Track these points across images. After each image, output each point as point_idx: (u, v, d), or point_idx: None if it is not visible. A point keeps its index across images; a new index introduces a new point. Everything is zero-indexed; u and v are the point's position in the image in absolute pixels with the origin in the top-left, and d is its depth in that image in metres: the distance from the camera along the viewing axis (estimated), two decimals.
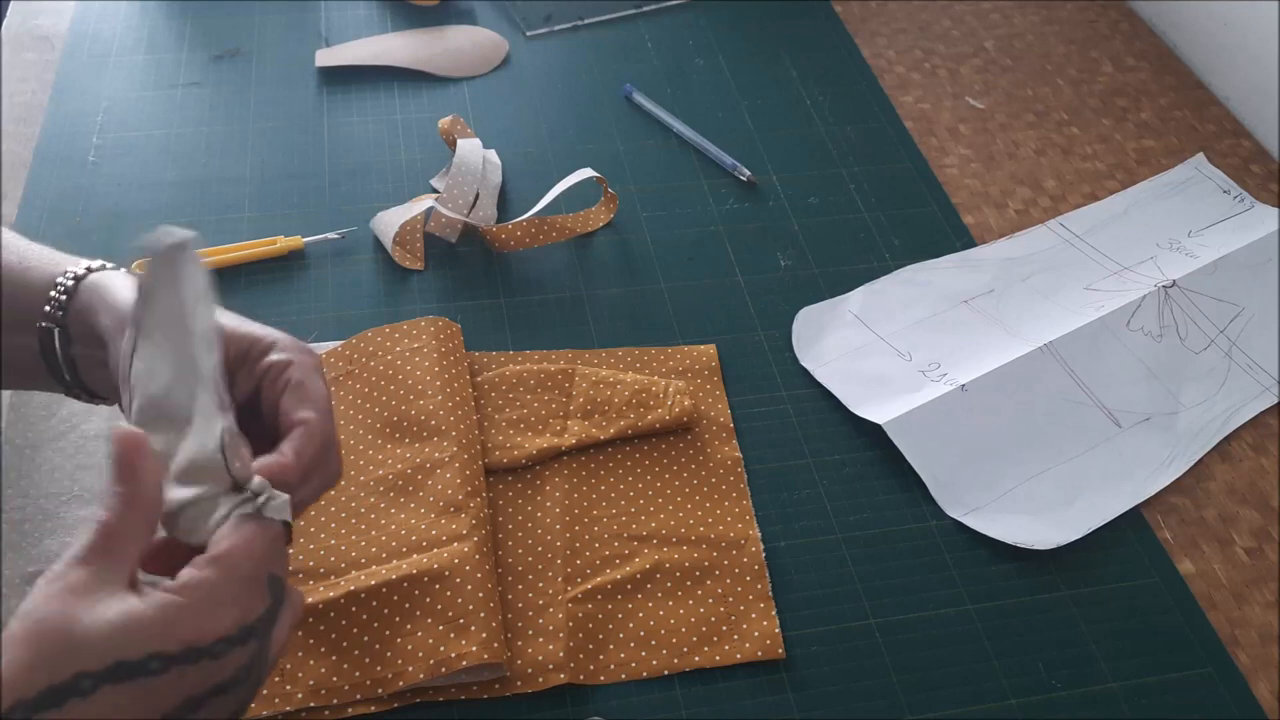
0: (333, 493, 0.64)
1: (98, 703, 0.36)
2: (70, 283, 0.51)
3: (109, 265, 0.53)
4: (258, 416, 0.49)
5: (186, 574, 0.40)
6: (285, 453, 0.46)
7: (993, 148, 0.94)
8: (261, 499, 0.42)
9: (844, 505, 0.68)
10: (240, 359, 0.49)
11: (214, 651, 0.39)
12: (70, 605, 0.38)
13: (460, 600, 0.58)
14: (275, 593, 0.42)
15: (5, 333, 0.52)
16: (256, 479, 0.43)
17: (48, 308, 0.50)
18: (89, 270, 0.52)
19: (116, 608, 0.38)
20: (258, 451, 0.46)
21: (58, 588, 0.38)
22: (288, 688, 0.56)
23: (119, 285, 0.51)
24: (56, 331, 0.50)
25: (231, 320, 0.50)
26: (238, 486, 0.42)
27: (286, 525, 0.43)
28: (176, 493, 0.42)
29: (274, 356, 0.49)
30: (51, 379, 0.52)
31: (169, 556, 0.42)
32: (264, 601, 0.41)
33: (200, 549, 0.41)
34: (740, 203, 0.87)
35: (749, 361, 0.75)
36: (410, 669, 0.56)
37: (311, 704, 0.56)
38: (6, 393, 0.67)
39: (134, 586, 0.39)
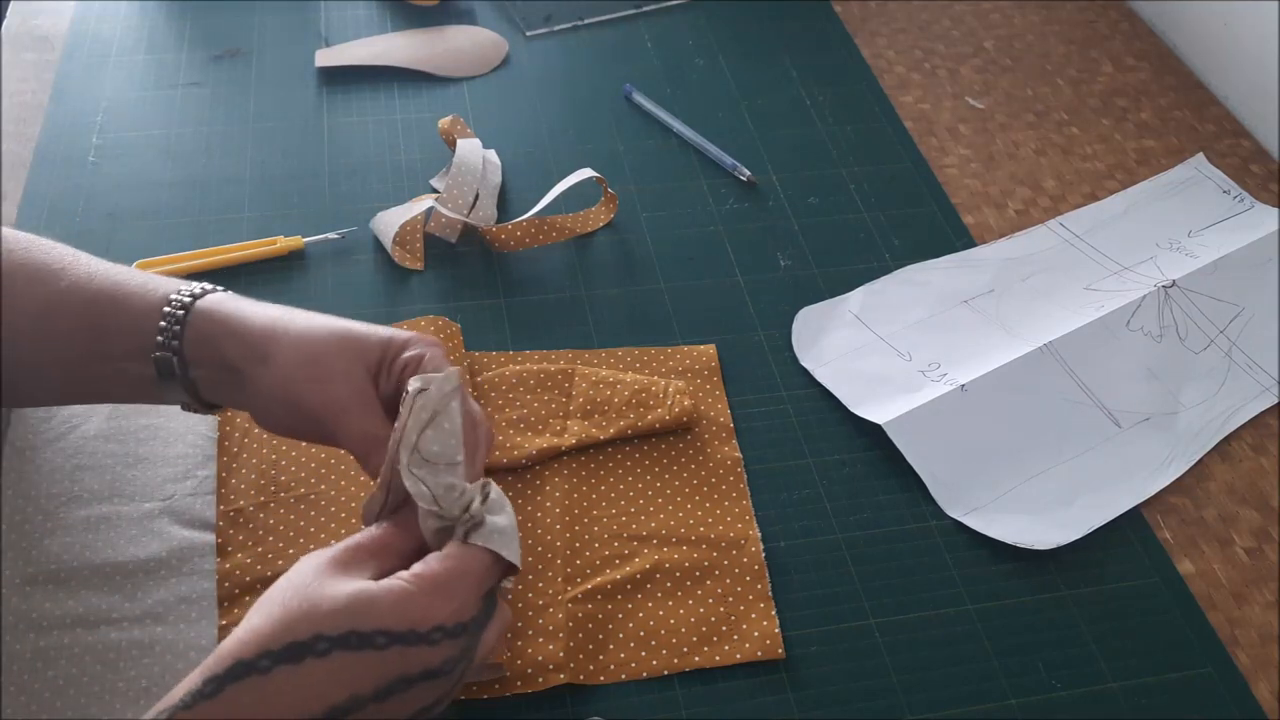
0: (333, 493, 0.64)
1: (329, 664, 0.42)
2: (181, 311, 0.53)
3: (209, 288, 0.54)
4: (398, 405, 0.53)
5: (420, 566, 0.46)
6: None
7: (993, 148, 0.94)
8: (472, 523, 0.48)
9: (844, 505, 0.68)
10: (378, 363, 0.52)
11: (431, 638, 0.44)
12: (323, 577, 0.45)
13: None
14: (489, 603, 0.48)
15: (111, 360, 0.54)
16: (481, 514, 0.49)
17: (160, 337, 0.53)
18: (195, 295, 0.53)
19: (355, 585, 0.44)
20: None
21: (320, 560, 0.46)
22: None
23: (239, 310, 0.53)
24: (175, 359, 0.53)
25: (365, 329, 0.53)
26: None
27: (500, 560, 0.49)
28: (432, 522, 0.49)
29: (407, 354, 0.53)
30: (168, 398, 0.55)
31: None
32: (478, 606, 0.47)
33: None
34: (740, 203, 0.87)
35: (749, 361, 0.75)
36: None
37: None
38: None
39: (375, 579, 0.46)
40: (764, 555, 0.64)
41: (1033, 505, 0.68)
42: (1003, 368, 0.73)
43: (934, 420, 0.70)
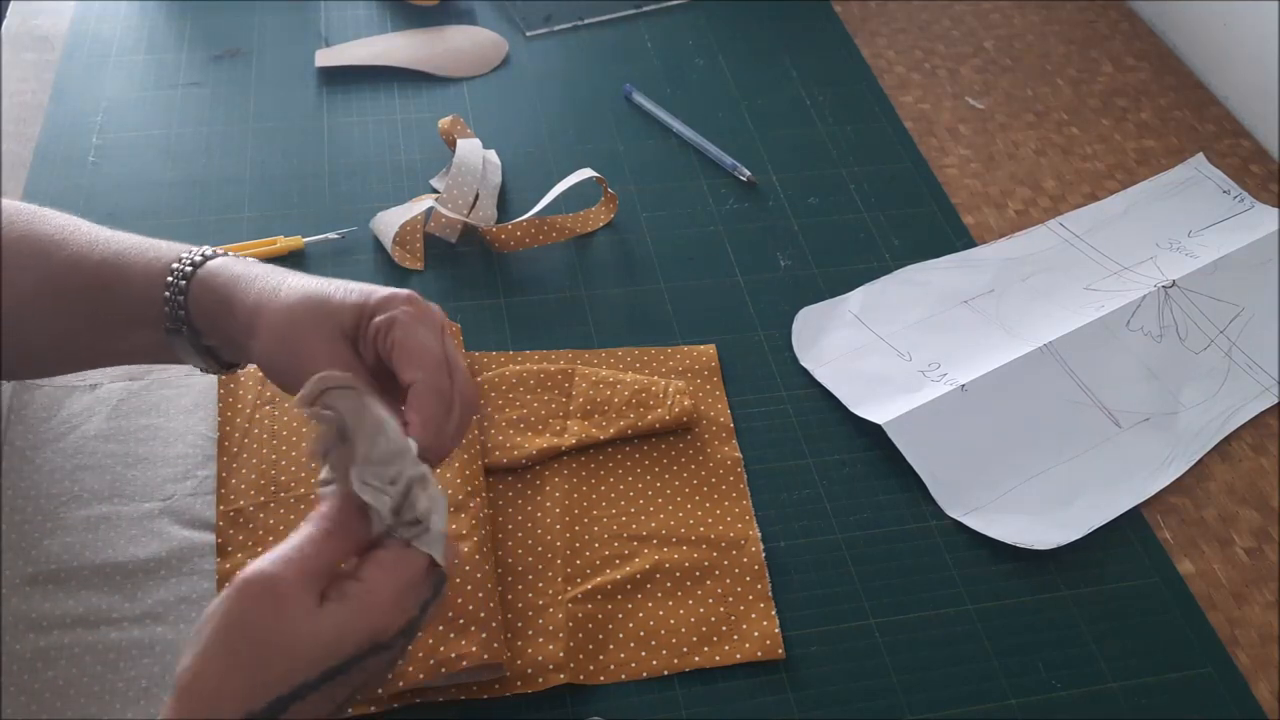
0: None
1: (310, 702, 0.42)
2: (183, 282, 0.52)
3: (208, 254, 0.54)
4: (390, 375, 0.51)
5: (373, 572, 0.44)
6: (412, 421, 0.49)
7: (993, 148, 0.94)
8: (419, 530, 0.47)
9: (844, 505, 0.68)
10: (354, 328, 0.50)
11: (394, 645, 0.44)
12: (290, 621, 0.42)
13: (460, 600, 0.58)
14: (436, 579, 0.47)
15: (117, 331, 0.54)
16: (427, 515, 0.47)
17: (168, 308, 0.52)
18: (194, 265, 0.53)
19: (323, 621, 0.43)
20: (392, 405, 0.50)
21: (274, 591, 0.42)
22: None
23: (232, 285, 0.52)
24: (186, 329, 0.53)
25: (340, 295, 0.51)
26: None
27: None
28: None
29: (379, 319, 0.50)
30: (184, 361, 0.55)
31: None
32: (427, 591, 0.46)
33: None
34: (740, 203, 0.87)
35: (749, 361, 0.75)
36: (410, 669, 0.56)
37: None
38: (6, 394, 0.67)
39: (324, 595, 0.44)
40: (764, 555, 0.64)
41: (1033, 505, 0.68)
42: (1003, 368, 0.73)
43: (934, 420, 0.70)
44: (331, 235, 0.80)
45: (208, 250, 0.54)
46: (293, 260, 0.78)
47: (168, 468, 0.65)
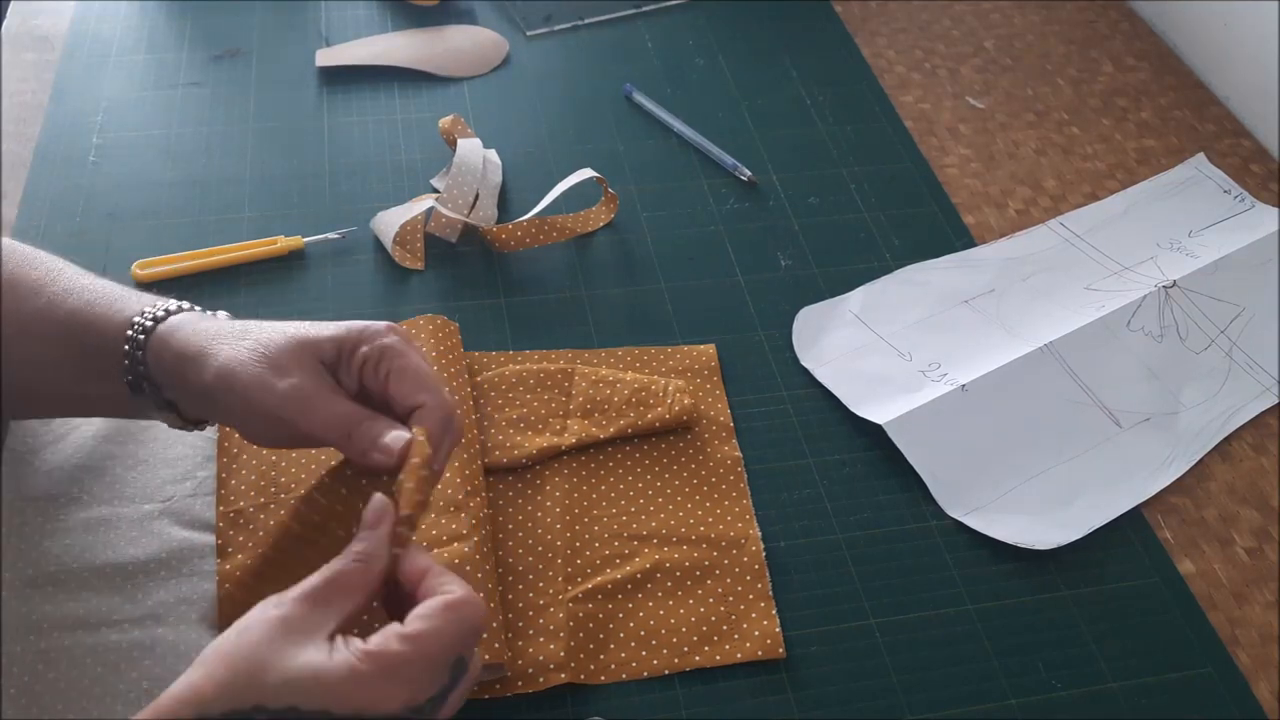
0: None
1: None
2: (141, 337, 0.52)
3: (171, 309, 0.54)
4: (371, 404, 0.53)
5: (377, 643, 0.42)
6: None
7: (993, 148, 0.94)
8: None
9: (844, 505, 0.68)
10: (335, 359, 0.52)
11: None
12: (274, 640, 0.41)
13: None
14: (456, 672, 0.45)
15: (86, 380, 0.54)
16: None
17: (127, 361, 0.52)
18: (155, 320, 0.53)
19: (306, 657, 0.41)
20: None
21: (274, 615, 0.42)
22: None
23: (193, 335, 0.52)
24: (146, 385, 0.53)
25: (317, 328, 0.52)
26: None
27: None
28: None
29: (364, 350, 0.52)
30: (150, 416, 0.55)
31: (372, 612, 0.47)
32: (440, 683, 0.44)
33: (399, 611, 0.45)
34: (740, 203, 0.87)
35: (749, 361, 0.75)
36: None
37: None
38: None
39: (333, 638, 0.42)
40: (764, 555, 0.64)
41: (1033, 505, 0.68)
42: (1003, 368, 0.73)
43: (934, 420, 0.70)
44: (332, 235, 0.80)
45: (172, 305, 0.54)
46: (293, 260, 0.78)
47: (167, 469, 0.65)
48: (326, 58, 0.95)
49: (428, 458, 0.50)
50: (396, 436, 0.50)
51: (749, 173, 0.88)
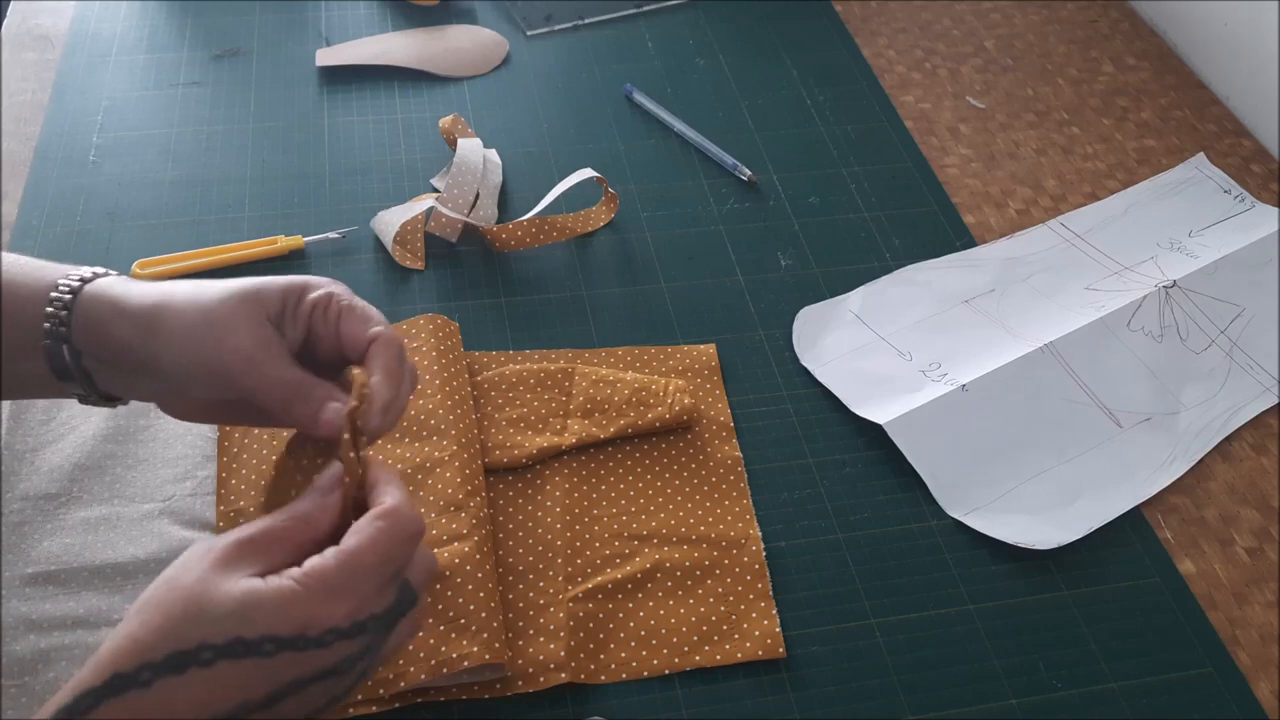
0: None
1: (215, 674, 0.39)
2: (68, 295, 0.50)
3: (100, 271, 0.51)
4: (313, 357, 0.51)
5: (311, 563, 0.42)
6: (374, 371, 0.49)
7: (993, 147, 0.94)
8: None
9: (844, 505, 0.68)
10: (280, 311, 0.50)
11: (323, 640, 0.41)
12: (205, 579, 0.41)
13: (461, 600, 0.58)
14: (402, 595, 0.44)
15: (11, 362, 0.51)
16: None
17: (48, 324, 0.49)
18: (83, 280, 0.50)
19: (241, 586, 0.41)
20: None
21: (206, 558, 0.42)
22: None
23: (125, 289, 0.50)
24: (65, 348, 0.50)
25: (261, 280, 0.51)
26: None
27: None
28: None
29: (313, 295, 0.51)
30: (64, 391, 0.52)
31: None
32: (384, 600, 0.43)
33: (337, 537, 0.44)
34: (740, 202, 0.87)
35: (749, 361, 0.75)
36: (411, 670, 0.56)
37: None
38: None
39: (263, 575, 0.42)
40: (764, 555, 0.64)
41: (1033, 505, 0.68)
42: (1003, 368, 0.73)
43: (934, 420, 0.70)
44: (332, 235, 0.80)
45: (100, 269, 0.52)
46: (293, 260, 0.78)
47: (167, 468, 0.65)
48: (326, 57, 0.95)
49: (364, 389, 0.49)
50: (336, 409, 0.49)
51: (749, 172, 0.88)
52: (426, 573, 0.47)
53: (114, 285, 0.51)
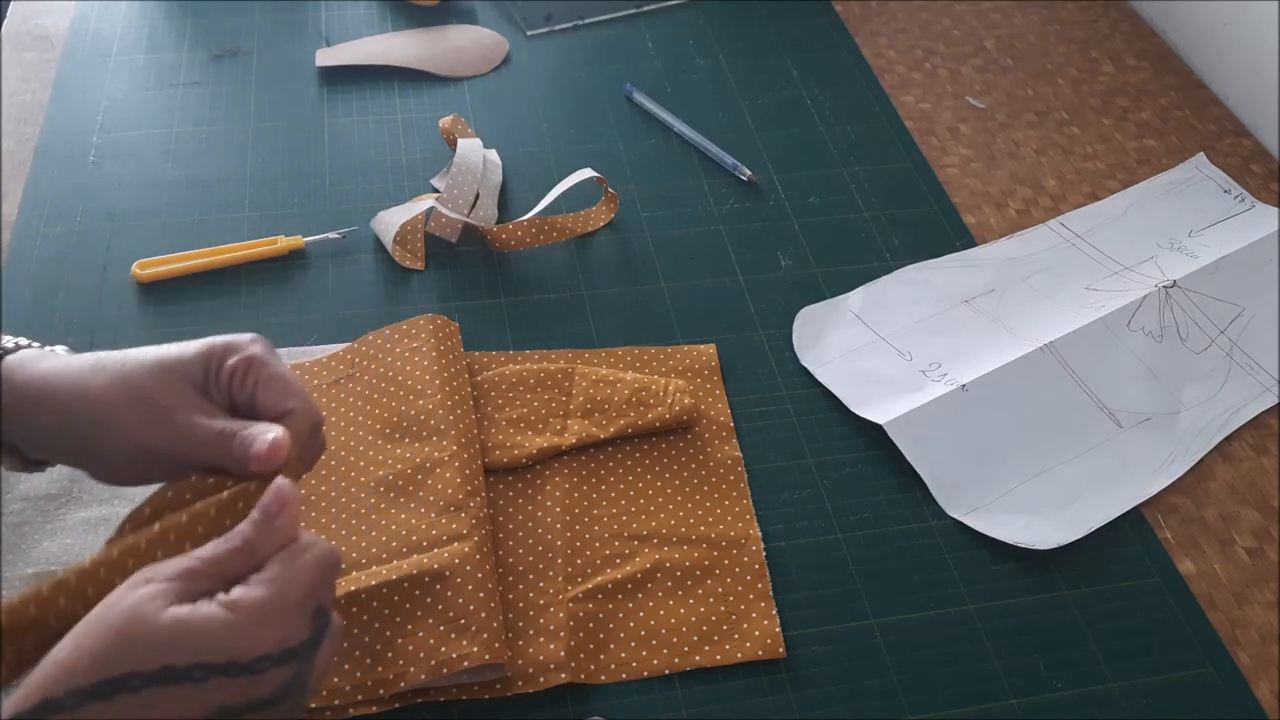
0: (333, 494, 0.64)
1: (144, 701, 0.39)
2: None
3: (7, 346, 0.51)
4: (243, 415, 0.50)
5: (239, 591, 0.42)
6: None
7: (993, 147, 0.94)
8: None
9: (844, 505, 0.68)
10: (204, 379, 0.50)
11: (254, 668, 0.41)
12: (137, 607, 0.40)
13: (461, 600, 0.58)
14: (320, 622, 0.44)
15: None
16: None
17: None
18: (4, 352, 0.50)
19: (171, 614, 0.40)
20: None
21: (141, 589, 0.41)
22: None
23: (41, 374, 0.49)
24: None
25: (179, 350, 0.50)
26: None
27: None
28: None
29: (231, 361, 0.50)
30: None
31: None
32: (307, 629, 0.43)
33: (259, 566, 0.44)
34: (740, 202, 0.87)
35: (749, 361, 0.75)
36: (411, 670, 0.56)
37: (313, 704, 0.56)
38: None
39: (194, 600, 0.42)
40: (764, 555, 0.64)
41: (1033, 505, 0.68)
42: (1003, 368, 0.73)
43: (934, 420, 0.70)
44: (332, 235, 0.80)
45: (8, 342, 0.51)
46: (293, 260, 0.78)
47: None
48: (326, 58, 0.95)
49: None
50: (274, 440, 0.48)
51: (749, 173, 0.88)
52: (332, 598, 0.46)
53: (28, 365, 0.50)
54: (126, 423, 0.48)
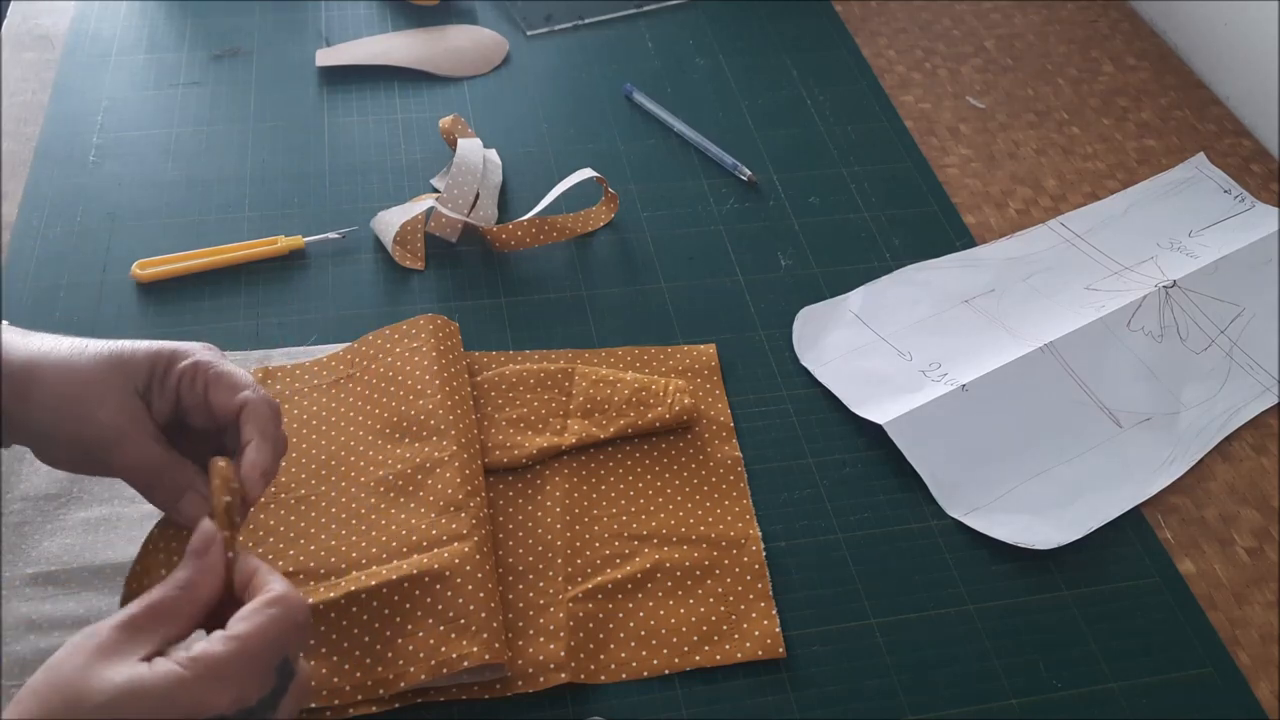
0: (333, 494, 0.64)
1: None
2: None
3: None
4: (183, 429, 0.51)
5: (200, 647, 0.41)
6: (250, 438, 0.49)
7: (993, 147, 0.94)
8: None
9: (844, 505, 0.68)
10: (147, 381, 0.50)
11: None
12: (88, 666, 0.40)
13: (461, 600, 0.58)
14: (282, 677, 0.43)
15: None
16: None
17: None
18: None
19: (125, 673, 0.40)
20: (196, 453, 0.50)
21: (89, 645, 0.40)
22: None
23: (9, 342, 0.50)
24: None
25: (130, 348, 0.50)
26: None
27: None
28: None
29: (181, 365, 0.50)
30: None
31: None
32: (267, 685, 0.42)
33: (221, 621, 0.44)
34: (740, 202, 0.87)
35: (749, 361, 0.75)
36: (411, 670, 0.56)
37: (313, 704, 0.56)
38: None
39: (150, 658, 0.41)
40: (764, 555, 0.64)
41: (1033, 505, 0.68)
42: (1003, 368, 0.73)
43: (934, 420, 0.70)
44: (332, 235, 0.80)
45: None
46: (293, 260, 0.78)
47: None
48: (326, 58, 0.95)
49: (229, 481, 0.48)
50: (194, 501, 0.49)
51: (749, 173, 0.88)
52: (301, 646, 0.46)
53: (24, 340, 0.51)
54: (71, 419, 0.49)
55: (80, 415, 0.49)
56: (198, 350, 0.51)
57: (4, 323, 0.52)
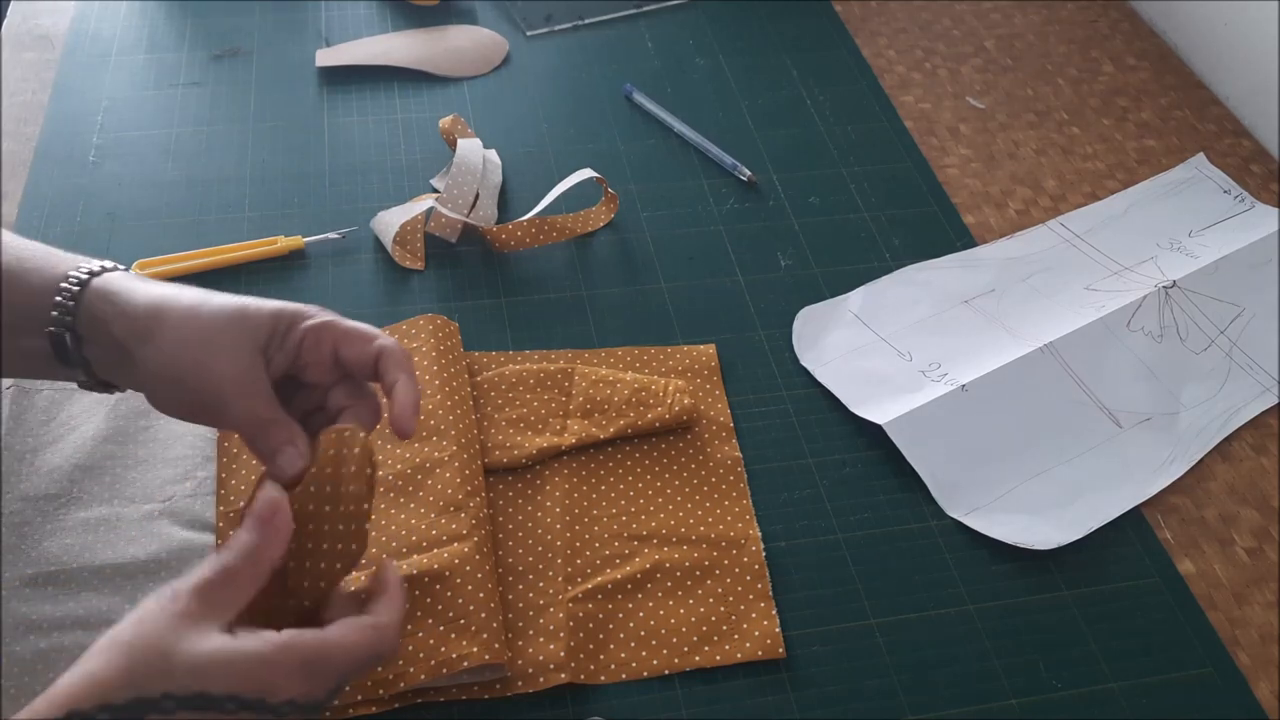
0: None
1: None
2: (76, 288, 0.51)
3: (108, 266, 0.53)
4: (298, 380, 0.52)
5: (290, 634, 0.44)
6: (396, 377, 0.51)
7: (993, 147, 0.94)
8: None
9: (844, 505, 0.68)
10: (268, 337, 0.51)
11: (279, 710, 0.42)
12: (176, 629, 0.42)
13: (461, 600, 0.58)
14: (337, 692, 0.46)
15: (9, 335, 0.52)
16: None
17: (55, 312, 0.51)
18: (91, 274, 0.52)
19: (214, 643, 0.42)
20: (296, 409, 0.52)
21: (171, 609, 0.43)
22: None
23: (128, 289, 0.51)
24: (68, 335, 0.51)
25: (255, 304, 0.51)
26: None
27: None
28: None
29: (306, 324, 0.51)
30: (66, 374, 0.53)
31: (266, 613, 0.46)
32: (329, 694, 0.45)
33: (306, 617, 0.46)
34: (740, 203, 0.87)
35: (749, 361, 0.75)
36: (411, 670, 0.56)
37: None
38: (6, 396, 0.67)
39: (231, 630, 0.43)
40: (764, 555, 0.64)
41: (1033, 505, 0.68)
42: (1003, 368, 0.73)
43: (934, 420, 0.70)
44: (332, 235, 0.80)
45: (108, 263, 0.53)
46: (293, 260, 0.78)
47: (167, 469, 0.65)
48: (326, 58, 0.95)
49: (368, 449, 0.50)
50: (291, 456, 0.50)
51: (749, 173, 0.88)
52: (367, 673, 0.48)
53: (119, 281, 0.52)
54: (184, 364, 0.50)
55: (201, 362, 0.49)
56: (321, 312, 0.52)
57: (121, 268, 0.53)
